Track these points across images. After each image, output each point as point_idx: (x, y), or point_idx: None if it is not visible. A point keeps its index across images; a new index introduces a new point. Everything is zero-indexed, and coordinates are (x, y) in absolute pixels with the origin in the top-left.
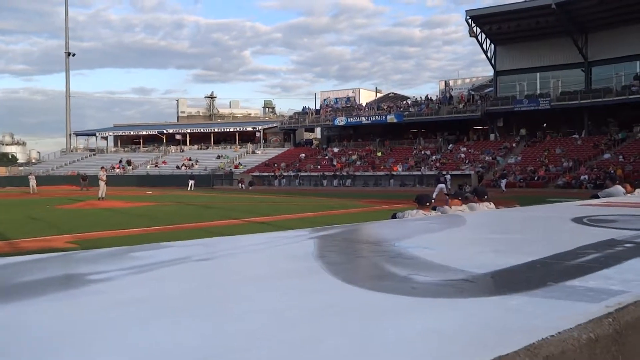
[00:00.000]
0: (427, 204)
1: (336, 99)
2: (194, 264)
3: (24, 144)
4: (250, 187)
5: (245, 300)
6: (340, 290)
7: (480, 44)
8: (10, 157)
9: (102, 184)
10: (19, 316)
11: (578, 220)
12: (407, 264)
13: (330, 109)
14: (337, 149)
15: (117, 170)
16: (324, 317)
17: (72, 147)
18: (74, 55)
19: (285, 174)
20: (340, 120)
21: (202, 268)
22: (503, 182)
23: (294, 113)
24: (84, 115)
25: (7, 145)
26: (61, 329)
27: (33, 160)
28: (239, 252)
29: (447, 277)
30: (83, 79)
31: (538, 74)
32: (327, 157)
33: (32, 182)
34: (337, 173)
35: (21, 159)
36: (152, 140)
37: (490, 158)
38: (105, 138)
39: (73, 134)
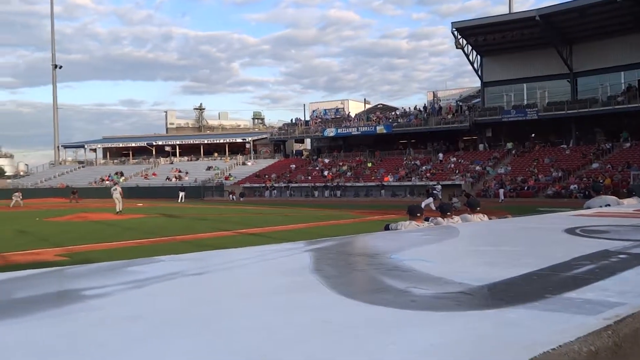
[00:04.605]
0: (419, 214)
1: (325, 110)
2: (187, 279)
3: (11, 156)
4: (241, 199)
5: (240, 317)
6: (338, 305)
7: (467, 56)
8: None
9: (118, 197)
10: (16, 333)
11: (571, 231)
12: (404, 276)
13: (319, 120)
14: (328, 160)
15: (107, 182)
16: (323, 334)
17: (60, 159)
18: (60, 67)
19: (276, 185)
20: (330, 132)
21: (195, 283)
22: (501, 192)
23: (284, 124)
24: (73, 128)
25: None
26: (59, 347)
27: (21, 173)
28: (232, 266)
29: (444, 290)
30: (71, 92)
31: (525, 85)
32: (317, 168)
33: (17, 199)
34: (328, 184)
35: (9, 171)
36: (142, 152)
37: (480, 168)
38: (94, 150)
39: (61, 146)
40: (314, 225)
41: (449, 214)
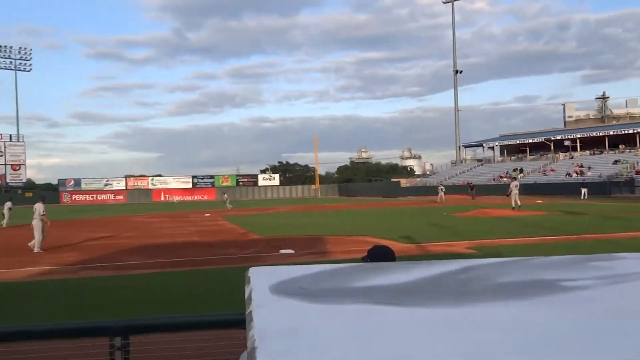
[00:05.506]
0: None
1: None
2: None
3: (419, 157)
4: None
5: None
6: None
7: None
8: (408, 169)
9: (516, 193)
10: (520, 315)
11: None
12: None
13: None
14: None
15: (505, 179)
16: None
17: (461, 158)
18: (461, 72)
19: None
20: None
21: None
22: None
23: None
24: (471, 128)
25: (405, 159)
26: (583, 333)
27: (427, 172)
28: None
29: None
30: (469, 93)
31: None
32: None
33: (441, 193)
34: None
35: (417, 171)
36: (538, 148)
37: None
38: (492, 148)
39: (462, 145)
40: None
41: None
